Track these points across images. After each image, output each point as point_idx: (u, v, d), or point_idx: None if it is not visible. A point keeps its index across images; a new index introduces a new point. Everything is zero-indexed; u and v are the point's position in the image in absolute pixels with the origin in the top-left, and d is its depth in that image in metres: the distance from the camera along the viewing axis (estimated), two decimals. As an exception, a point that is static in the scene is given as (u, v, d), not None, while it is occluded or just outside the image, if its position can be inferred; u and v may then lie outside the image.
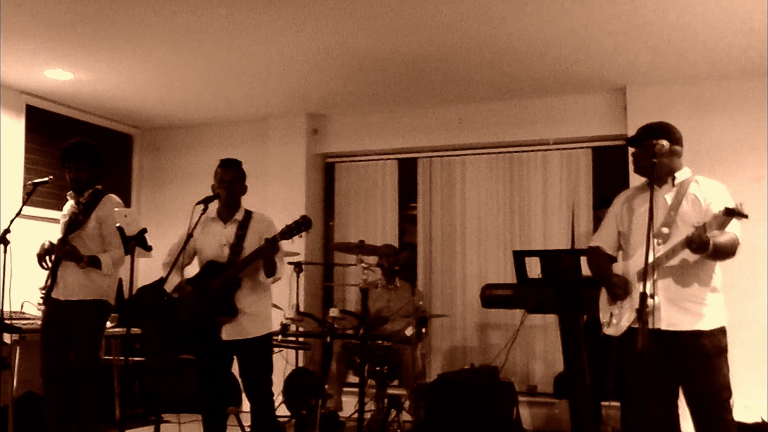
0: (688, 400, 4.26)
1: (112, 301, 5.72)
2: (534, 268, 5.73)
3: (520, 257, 5.62)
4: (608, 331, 4.47)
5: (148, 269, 8.29)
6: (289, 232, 5.03)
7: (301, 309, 7.54)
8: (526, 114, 8.03)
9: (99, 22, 6.09)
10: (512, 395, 6.58)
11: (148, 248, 5.40)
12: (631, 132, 7.28)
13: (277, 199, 8.34)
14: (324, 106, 8.55)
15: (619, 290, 4.36)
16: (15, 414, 6.36)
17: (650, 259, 3.99)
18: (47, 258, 5.60)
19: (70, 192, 5.74)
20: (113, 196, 5.78)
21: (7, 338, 6.28)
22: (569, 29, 6.12)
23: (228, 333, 5.20)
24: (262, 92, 8.01)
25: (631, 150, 4.67)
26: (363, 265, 6.28)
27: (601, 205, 6.83)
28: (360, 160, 8.90)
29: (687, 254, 4.14)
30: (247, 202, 5.47)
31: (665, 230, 4.25)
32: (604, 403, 6.43)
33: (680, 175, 4.44)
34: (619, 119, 7.61)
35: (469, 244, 8.32)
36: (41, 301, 5.69)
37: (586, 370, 5.76)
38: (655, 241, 4.15)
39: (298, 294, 7.47)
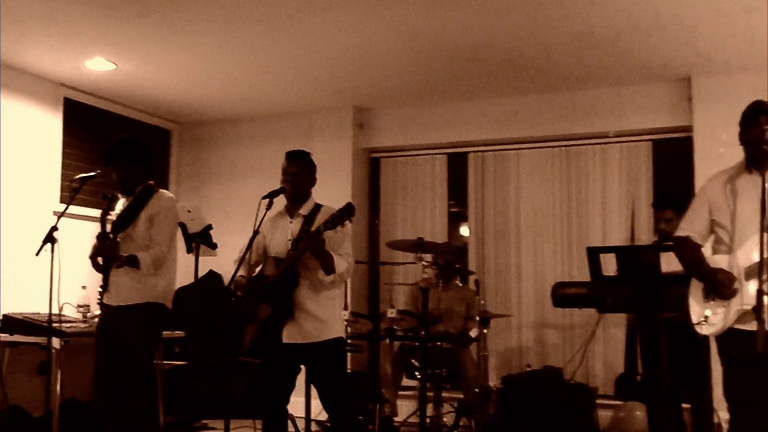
0: None
1: (170, 304, 5.29)
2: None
3: (594, 254, 5.31)
4: (703, 330, 4.11)
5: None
6: (332, 221, 4.65)
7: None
8: (584, 105, 7.78)
9: (144, 8, 5.85)
10: (590, 399, 6.33)
11: (213, 246, 5.06)
12: (697, 123, 7.13)
13: (321, 194, 7.88)
14: (370, 99, 8.36)
15: (727, 289, 3.96)
16: (59, 420, 6.10)
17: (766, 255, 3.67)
18: (98, 259, 5.20)
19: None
20: (165, 192, 5.41)
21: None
22: (631, 17, 5.92)
23: (289, 335, 4.85)
24: (306, 86, 7.82)
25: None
26: (423, 263, 6.03)
27: (661, 205, 6.31)
28: (407, 155, 8.68)
29: None
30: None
31: None
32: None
33: None
34: (683, 110, 7.37)
35: (524, 241, 8.07)
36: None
37: (666, 372, 5.44)
38: (767, 235, 3.76)
39: (346, 294, 7.19)
